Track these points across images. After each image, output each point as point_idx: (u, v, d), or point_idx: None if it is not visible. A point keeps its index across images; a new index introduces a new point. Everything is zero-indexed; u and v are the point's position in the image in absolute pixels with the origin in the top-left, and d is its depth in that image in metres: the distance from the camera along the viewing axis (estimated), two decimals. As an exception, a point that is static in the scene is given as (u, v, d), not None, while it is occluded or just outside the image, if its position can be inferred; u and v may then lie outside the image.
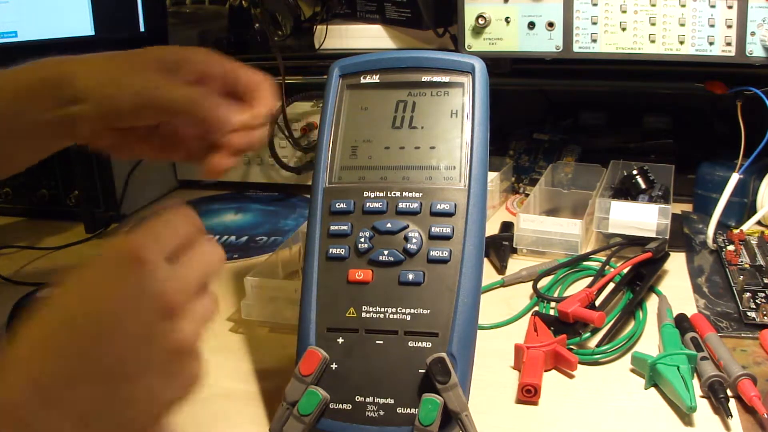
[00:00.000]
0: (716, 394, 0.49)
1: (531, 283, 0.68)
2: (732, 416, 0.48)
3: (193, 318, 0.36)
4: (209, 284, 0.39)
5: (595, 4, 0.74)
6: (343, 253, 0.49)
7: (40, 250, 0.83)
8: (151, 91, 0.48)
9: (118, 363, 0.33)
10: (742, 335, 0.58)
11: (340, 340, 0.47)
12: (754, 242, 0.72)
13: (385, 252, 0.49)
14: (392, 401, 0.45)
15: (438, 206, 0.49)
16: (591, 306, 0.60)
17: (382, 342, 0.47)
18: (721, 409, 0.49)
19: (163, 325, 0.34)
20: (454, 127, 0.51)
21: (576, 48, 0.76)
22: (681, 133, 0.95)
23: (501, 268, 0.73)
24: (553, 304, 0.65)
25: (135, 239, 0.35)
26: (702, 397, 0.51)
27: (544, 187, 0.83)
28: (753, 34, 0.69)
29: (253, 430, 0.50)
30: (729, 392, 0.50)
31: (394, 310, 0.47)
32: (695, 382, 0.51)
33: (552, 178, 0.87)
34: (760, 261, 0.69)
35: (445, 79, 0.52)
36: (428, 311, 0.47)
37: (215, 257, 0.39)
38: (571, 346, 0.58)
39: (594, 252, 0.73)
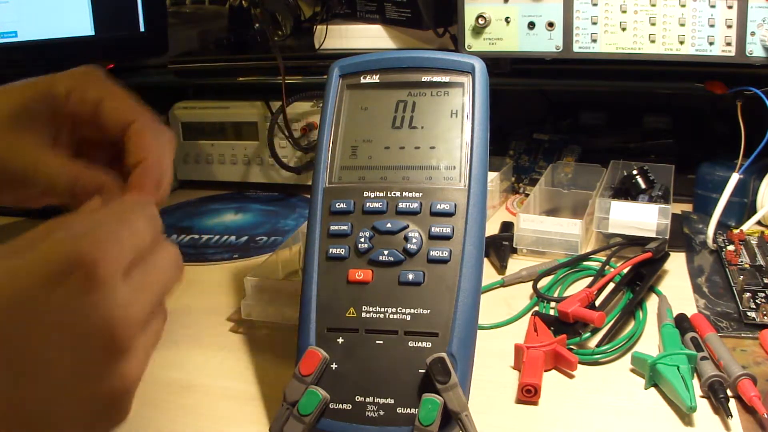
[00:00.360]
0: (716, 394, 0.49)
1: (531, 283, 0.68)
2: (732, 416, 0.48)
3: (139, 353, 0.29)
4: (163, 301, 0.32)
5: (595, 4, 0.74)
6: (343, 253, 0.49)
7: (40, 250, 0.83)
8: (22, 168, 0.38)
9: (39, 410, 0.26)
10: (742, 335, 0.58)
11: (340, 340, 0.47)
12: (754, 242, 0.72)
13: (385, 252, 0.49)
14: (392, 401, 0.45)
15: (438, 206, 0.49)
16: (591, 306, 0.60)
17: (382, 342, 0.47)
18: (721, 409, 0.49)
19: (105, 366, 0.27)
20: (454, 127, 0.51)
21: (576, 48, 0.76)
22: (681, 133, 0.95)
23: (501, 268, 0.73)
24: (553, 304, 0.65)
25: (89, 244, 0.27)
26: (702, 397, 0.51)
27: (544, 187, 0.83)
28: (753, 34, 0.69)
29: (253, 430, 0.50)
30: (729, 392, 0.50)
31: (394, 310, 0.47)
32: (695, 382, 0.51)
33: (552, 178, 0.87)
34: (760, 261, 0.69)
35: (445, 79, 0.52)
36: (428, 311, 0.47)
37: (176, 270, 0.32)
38: (571, 346, 0.58)
39: (594, 252, 0.73)
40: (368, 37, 0.94)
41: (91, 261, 0.26)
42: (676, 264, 0.71)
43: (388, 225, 0.49)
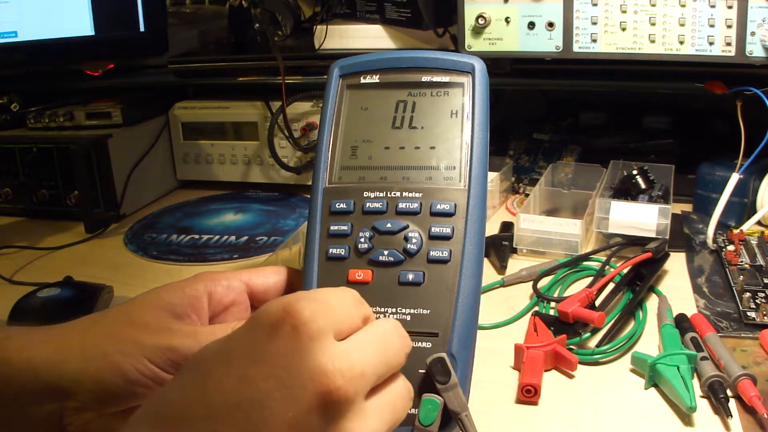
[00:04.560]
0: (716, 394, 0.49)
1: (531, 283, 0.68)
2: (732, 416, 0.48)
3: (368, 418, 0.30)
4: (396, 373, 0.33)
5: (595, 4, 0.74)
6: (343, 253, 0.49)
7: (40, 250, 0.83)
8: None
9: None
10: (742, 335, 0.58)
11: (340, 340, 0.47)
12: (754, 242, 0.72)
13: (385, 252, 0.49)
14: (392, 401, 0.45)
15: (438, 206, 0.49)
16: (591, 306, 0.60)
17: (382, 342, 0.47)
18: (721, 409, 0.49)
19: (323, 420, 0.28)
20: (454, 127, 0.51)
21: (576, 48, 0.76)
22: (681, 133, 0.95)
23: (501, 268, 0.73)
24: (553, 304, 0.65)
25: (296, 303, 0.29)
26: (702, 397, 0.51)
27: (544, 187, 0.83)
28: (753, 34, 0.69)
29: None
30: (729, 392, 0.50)
31: (394, 310, 0.47)
32: (695, 382, 0.51)
33: (552, 178, 0.87)
34: (760, 261, 0.69)
35: (445, 79, 0.52)
36: (428, 311, 0.47)
37: (398, 338, 0.34)
38: (571, 346, 0.58)
39: (594, 252, 0.73)
40: (368, 37, 0.94)
41: (297, 315, 0.28)
42: (676, 264, 0.71)
43: (388, 225, 0.49)
